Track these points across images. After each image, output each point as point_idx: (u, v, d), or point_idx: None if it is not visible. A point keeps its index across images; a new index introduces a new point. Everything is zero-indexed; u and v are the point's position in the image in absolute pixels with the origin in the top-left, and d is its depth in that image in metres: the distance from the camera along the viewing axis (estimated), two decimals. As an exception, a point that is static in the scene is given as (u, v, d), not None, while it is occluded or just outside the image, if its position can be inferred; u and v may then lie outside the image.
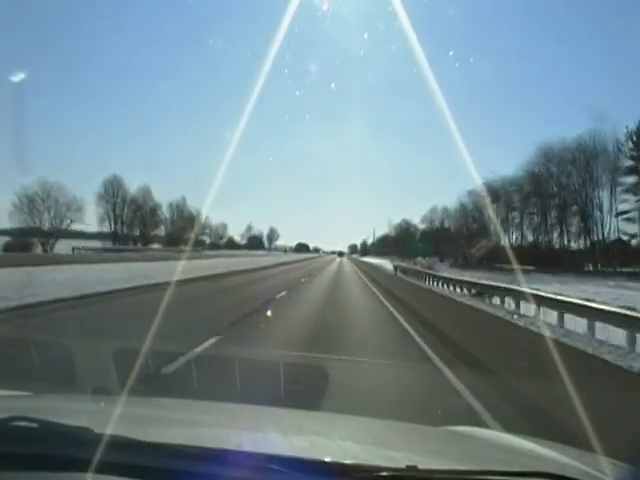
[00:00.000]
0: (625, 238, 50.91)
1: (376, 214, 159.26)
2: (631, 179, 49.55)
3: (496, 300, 14.41)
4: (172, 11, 72.18)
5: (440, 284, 22.32)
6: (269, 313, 10.15)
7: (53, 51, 79.10)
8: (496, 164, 79.36)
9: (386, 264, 51.10)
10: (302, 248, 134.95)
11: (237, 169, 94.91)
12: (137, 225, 66.93)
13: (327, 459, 1.12)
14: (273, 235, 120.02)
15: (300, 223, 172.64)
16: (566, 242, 54.57)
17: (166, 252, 49.14)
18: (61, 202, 51.59)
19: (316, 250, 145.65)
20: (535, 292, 11.73)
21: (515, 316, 11.57)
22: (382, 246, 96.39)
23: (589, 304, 9.30)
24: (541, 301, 10.99)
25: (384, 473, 1.04)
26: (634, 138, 49.06)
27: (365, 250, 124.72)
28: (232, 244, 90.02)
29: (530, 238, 57.72)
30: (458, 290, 18.86)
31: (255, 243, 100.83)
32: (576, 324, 9.37)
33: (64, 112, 77.73)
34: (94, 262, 28.14)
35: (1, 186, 74.62)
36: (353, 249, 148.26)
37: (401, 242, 68.16)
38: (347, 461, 1.11)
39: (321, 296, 15.66)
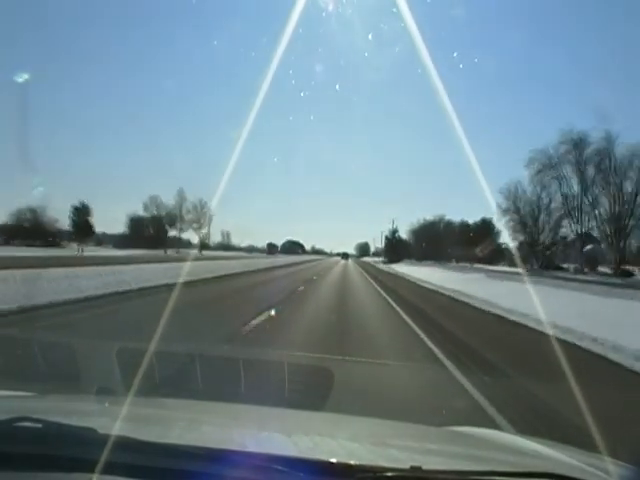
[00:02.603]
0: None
1: (382, 216, 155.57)
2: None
3: None
4: (177, 12, 72.00)
5: None
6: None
7: (54, 52, 78.37)
8: (499, 163, 77.82)
9: None
10: (293, 249, 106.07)
11: (241, 170, 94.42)
12: None
13: (331, 459, 1.12)
14: (206, 218, 61.83)
15: (303, 224, 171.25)
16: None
17: None
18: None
19: (306, 251, 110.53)
20: None
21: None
22: (421, 244, 61.98)
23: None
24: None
25: (388, 474, 1.04)
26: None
27: (393, 249, 74.39)
28: (81, 230, 53.99)
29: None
30: None
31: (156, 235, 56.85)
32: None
33: (67, 112, 77.17)
34: None
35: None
36: (363, 250, 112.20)
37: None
38: (351, 462, 1.11)
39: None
